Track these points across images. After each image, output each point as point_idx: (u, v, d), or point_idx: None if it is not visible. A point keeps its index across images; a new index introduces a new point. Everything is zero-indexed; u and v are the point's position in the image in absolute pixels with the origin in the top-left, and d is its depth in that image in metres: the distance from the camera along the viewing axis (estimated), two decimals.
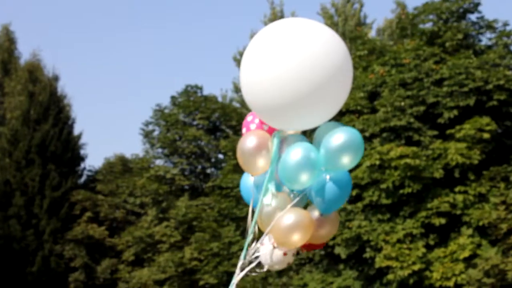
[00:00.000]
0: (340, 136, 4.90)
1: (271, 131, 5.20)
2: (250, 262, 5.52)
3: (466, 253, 21.03)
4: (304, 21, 5.16)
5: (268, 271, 5.32)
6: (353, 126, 23.53)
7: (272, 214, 5.26)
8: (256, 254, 5.53)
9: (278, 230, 5.16)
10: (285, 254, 5.26)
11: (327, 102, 5.07)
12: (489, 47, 24.44)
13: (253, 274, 5.61)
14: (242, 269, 5.50)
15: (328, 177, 4.93)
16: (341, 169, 4.99)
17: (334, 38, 5.12)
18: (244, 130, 5.35)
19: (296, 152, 4.92)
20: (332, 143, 4.91)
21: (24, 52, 70.95)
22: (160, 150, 34.00)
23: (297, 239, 5.12)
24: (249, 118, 5.35)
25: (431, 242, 22.16)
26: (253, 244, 5.45)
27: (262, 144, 5.14)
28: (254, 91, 5.10)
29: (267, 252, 5.38)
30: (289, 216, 5.11)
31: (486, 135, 21.82)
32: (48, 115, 34.89)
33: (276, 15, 38.92)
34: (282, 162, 4.98)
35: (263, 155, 5.13)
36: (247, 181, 5.36)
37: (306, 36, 4.99)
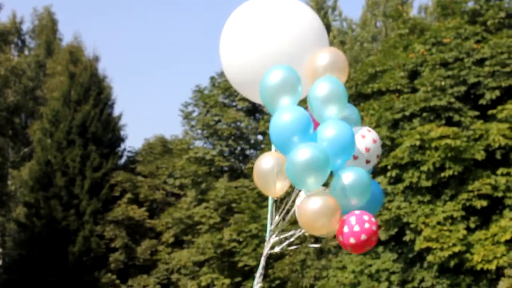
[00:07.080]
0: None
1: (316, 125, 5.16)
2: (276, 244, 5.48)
3: (507, 236, 20.55)
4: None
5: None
6: (393, 105, 23.23)
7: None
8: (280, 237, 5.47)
9: (303, 215, 5.08)
10: None
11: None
12: None
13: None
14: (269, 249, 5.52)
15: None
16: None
17: (314, 18, 5.41)
18: None
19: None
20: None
21: (66, 34, 71.64)
22: (199, 131, 33.92)
23: (322, 224, 5.00)
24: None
25: (472, 225, 21.70)
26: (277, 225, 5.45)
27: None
28: (237, 70, 5.36)
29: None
30: (315, 200, 5.01)
31: None
32: (88, 96, 35.05)
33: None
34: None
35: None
36: None
37: (287, 17, 5.24)
